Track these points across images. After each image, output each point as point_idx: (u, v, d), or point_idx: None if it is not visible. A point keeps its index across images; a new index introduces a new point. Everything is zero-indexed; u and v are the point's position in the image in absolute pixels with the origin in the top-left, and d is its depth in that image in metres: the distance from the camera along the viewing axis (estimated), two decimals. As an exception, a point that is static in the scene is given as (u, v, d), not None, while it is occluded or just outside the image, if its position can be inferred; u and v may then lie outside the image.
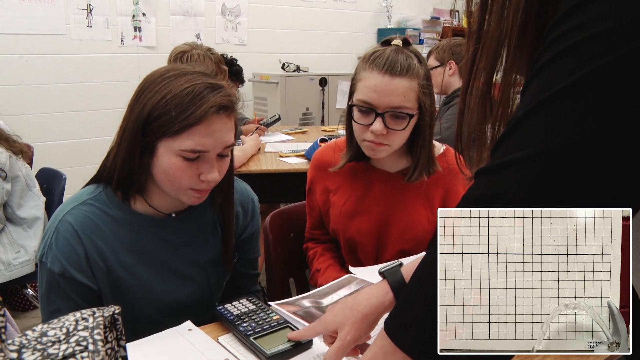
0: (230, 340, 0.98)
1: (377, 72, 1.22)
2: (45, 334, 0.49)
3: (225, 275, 1.23)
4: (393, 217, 1.36)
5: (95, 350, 0.43)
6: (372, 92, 1.22)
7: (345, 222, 1.39)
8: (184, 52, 2.44)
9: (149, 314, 1.10)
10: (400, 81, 1.21)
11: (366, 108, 1.24)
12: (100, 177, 1.10)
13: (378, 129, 1.23)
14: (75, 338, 0.45)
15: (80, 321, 0.49)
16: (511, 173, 0.47)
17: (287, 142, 2.98)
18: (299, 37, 4.36)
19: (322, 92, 3.96)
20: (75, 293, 1.04)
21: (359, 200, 1.38)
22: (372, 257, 1.39)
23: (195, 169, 1.02)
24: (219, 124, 1.01)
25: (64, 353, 0.43)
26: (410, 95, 1.23)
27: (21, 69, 3.26)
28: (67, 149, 3.49)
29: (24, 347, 0.45)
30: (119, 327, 0.55)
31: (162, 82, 1.00)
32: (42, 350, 0.44)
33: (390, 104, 1.22)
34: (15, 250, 2.18)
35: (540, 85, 0.47)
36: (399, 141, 1.28)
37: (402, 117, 1.24)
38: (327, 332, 0.88)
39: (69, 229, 1.03)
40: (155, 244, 1.10)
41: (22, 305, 2.66)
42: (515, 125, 0.48)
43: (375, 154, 1.30)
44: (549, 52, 0.47)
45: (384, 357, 0.60)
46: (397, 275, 0.84)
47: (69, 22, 3.35)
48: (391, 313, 0.59)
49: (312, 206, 1.50)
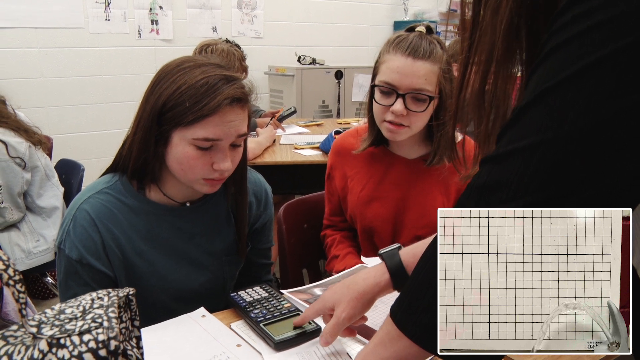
0: (243, 326, 1.00)
1: (400, 54, 1.25)
2: (63, 311, 0.50)
3: (238, 264, 1.24)
4: (409, 203, 1.37)
5: (109, 327, 0.45)
6: (394, 74, 1.26)
7: (362, 207, 1.40)
8: (209, 44, 2.53)
9: (163, 301, 1.12)
10: (423, 64, 1.24)
11: (388, 89, 1.27)
12: (116, 166, 1.12)
13: (398, 109, 1.25)
14: (90, 315, 0.47)
15: (96, 300, 0.51)
16: (515, 161, 0.47)
17: (302, 135, 2.99)
18: (315, 29, 4.36)
19: (337, 85, 3.96)
20: (92, 279, 1.07)
21: (376, 186, 1.40)
22: (388, 244, 1.39)
23: (209, 158, 1.03)
24: (232, 115, 1.02)
25: (80, 329, 0.45)
26: (431, 78, 1.26)
27: (41, 62, 3.31)
28: (85, 141, 3.54)
29: (43, 323, 0.47)
30: (134, 308, 0.57)
31: (178, 73, 1.02)
32: (60, 326, 0.46)
33: (411, 86, 1.25)
34: (35, 239, 2.22)
35: (545, 73, 0.47)
36: (419, 124, 1.30)
37: (423, 100, 1.26)
38: (326, 310, 0.89)
39: (86, 217, 1.06)
40: (169, 233, 1.12)
41: (42, 293, 2.72)
42: (520, 113, 0.48)
43: (394, 136, 1.31)
44: (554, 40, 0.46)
45: (390, 342, 0.60)
46: (395, 258, 0.85)
47: (87, 15, 3.39)
48: (397, 299, 0.60)
49: (331, 192, 1.51)
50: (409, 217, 1.37)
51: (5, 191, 2.10)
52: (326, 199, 1.54)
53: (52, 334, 0.44)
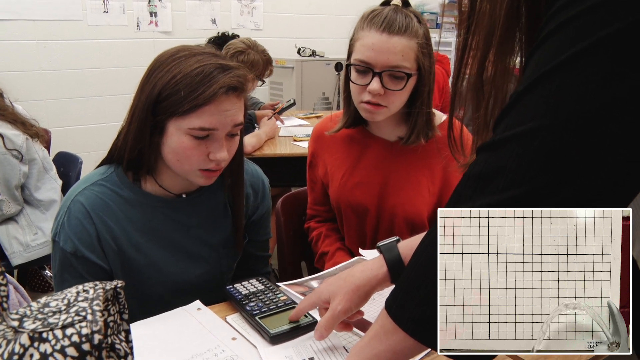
0: (238, 319, 0.99)
1: (374, 30, 1.19)
2: (47, 304, 0.49)
3: (235, 256, 1.23)
4: (393, 187, 1.33)
5: (93, 321, 0.44)
6: (369, 51, 1.20)
7: (346, 194, 1.36)
8: (242, 51, 2.46)
9: (159, 293, 1.11)
10: (399, 40, 1.18)
11: (364, 67, 1.22)
12: (112, 157, 1.11)
13: (375, 88, 1.20)
14: (75, 308, 0.46)
15: (82, 293, 0.50)
16: (512, 148, 0.46)
17: (302, 127, 2.97)
18: (314, 21, 4.33)
19: (337, 77, 3.93)
20: (87, 272, 1.06)
21: (356, 170, 1.35)
22: (373, 230, 1.37)
23: (204, 148, 1.02)
24: (228, 104, 1.01)
25: (63, 322, 0.44)
26: (408, 54, 1.20)
27: (39, 54, 3.30)
28: (83, 134, 3.53)
29: (25, 317, 0.46)
30: (122, 301, 0.56)
31: (173, 63, 1.00)
32: (43, 320, 0.45)
33: (387, 63, 1.19)
34: (33, 232, 2.22)
35: (542, 57, 0.45)
36: (398, 103, 1.25)
37: (400, 77, 1.21)
38: (321, 302, 0.87)
39: (81, 209, 1.04)
40: (165, 225, 1.11)
41: (41, 287, 2.71)
42: (516, 99, 0.47)
43: (372, 116, 1.27)
44: (552, 23, 0.45)
45: (385, 336, 0.60)
46: (394, 251, 0.83)
47: (85, 7, 3.37)
48: (392, 292, 0.59)
49: (314, 180, 1.47)
50: (393, 203, 1.33)
51: (2, 184, 2.09)
52: (309, 187, 1.49)
53: (34, 328, 0.43)
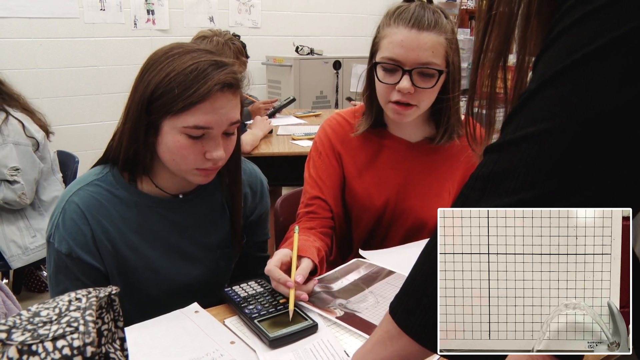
0: (237, 322, 0.97)
1: (403, 26, 1.15)
2: (38, 314, 0.47)
3: (233, 257, 1.22)
4: (412, 189, 1.30)
5: (85, 332, 0.41)
6: (398, 48, 1.16)
7: (360, 192, 1.32)
8: (205, 37, 2.46)
9: (155, 295, 1.09)
10: (428, 35, 1.15)
11: (392, 65, 1.18)
12: (107, 157, 1.09)
13: (406, 86, 1.16)
14: (66, 319, 0.44)
15: (74, 301, 0.48)
16: (523, 149, 0.45)
17: (300, 126, 2.95)
18: (312, 19, 4.31)
19: (336, 75, 3.92)
20: (83, 274, 1.04)
21: (374, 170, 1.32)
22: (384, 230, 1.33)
23: (201, 147, 1.00)
24: (224, 101, 0.99)
25: (54, 334, 0.42)
26: (438, 50, 1.16)
27: (35, 52, 3.27)
28: (80, 132, 3.50)
29: (15, 328, 0.44)
30: (117, 308, 0.54)
31: (166, 60, 0.98)
32: (32, 331, 0.43)
33: (418, 60, 1.16)
34: (32, 235, 2.21)
35: (555, 56, 0.44)
36: (427, 101, 1.21)
37: (431, 75, 1.17)
38: None
39: (76, 210, 1.03)
40: (162, 225, 1.09)
41: (37, 287, 2.69)
42: (527, 99, 0.46)
43: (401, 117, 1.22)
44: (565, 20, 0.43)
45: (390, 341, 0.59)
46: None
47: (82, 5, 3.34)
48: (397, 297, 0.58)
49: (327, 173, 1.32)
50: (411, 204, 1.29)
51: (22, 176, 2.14)
52: (312, 181, 1.33)
53: (22, 340, 0.41)
